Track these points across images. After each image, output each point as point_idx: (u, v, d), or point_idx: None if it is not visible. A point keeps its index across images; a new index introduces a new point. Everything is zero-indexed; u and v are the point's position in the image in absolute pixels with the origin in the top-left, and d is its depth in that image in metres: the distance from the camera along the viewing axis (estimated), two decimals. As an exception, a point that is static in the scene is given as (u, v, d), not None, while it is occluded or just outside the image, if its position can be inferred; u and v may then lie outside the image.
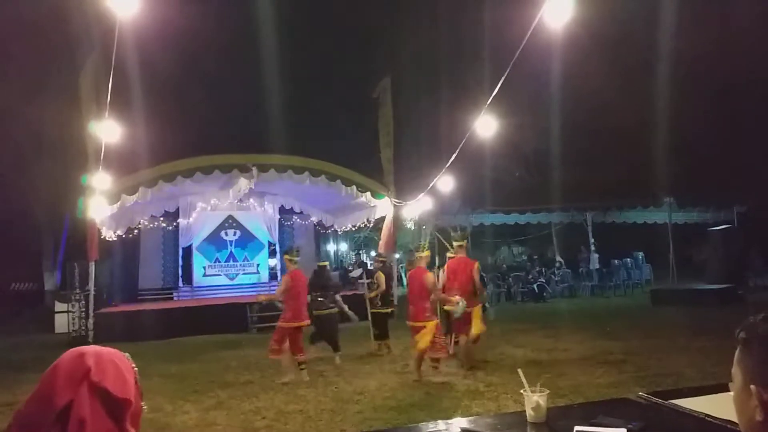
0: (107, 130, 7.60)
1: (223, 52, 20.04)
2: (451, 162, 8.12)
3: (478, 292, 7.56)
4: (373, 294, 9.34)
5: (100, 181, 10.20)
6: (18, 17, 15.77)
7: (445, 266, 7.62)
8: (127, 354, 1.20)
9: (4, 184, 17.87)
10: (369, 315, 9.48)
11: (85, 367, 1.07)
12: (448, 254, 7.66)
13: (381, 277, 9.43)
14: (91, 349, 1.13)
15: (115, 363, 1.13)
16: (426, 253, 7.30)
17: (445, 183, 9.36)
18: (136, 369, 1.19)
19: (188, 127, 18.81)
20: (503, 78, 4.73)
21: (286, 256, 7.77)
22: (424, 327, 6.77)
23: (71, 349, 1.13)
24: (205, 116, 20.52)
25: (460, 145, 6.45)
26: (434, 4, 21.61)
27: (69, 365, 1.08)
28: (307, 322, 7.52)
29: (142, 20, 4.38)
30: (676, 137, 16.85)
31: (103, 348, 1.16)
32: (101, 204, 11.18)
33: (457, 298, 7.07)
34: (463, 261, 7.56)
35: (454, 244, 7.75)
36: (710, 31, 15.26)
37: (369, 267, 10.28)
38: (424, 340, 6.72)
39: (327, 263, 9.58)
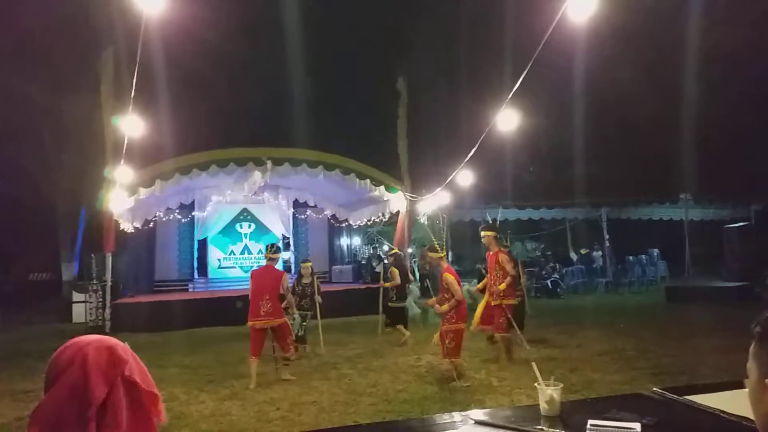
0: (130, 124, 7.67)
1: (241, 46, 20.09)
2: (468, 157, 8.08)
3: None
4: (387, 284, 9.46)
5: (121, 174, 10.30)
6: (43, 10, 15.96)
7: (453, 277, 6.65)
8: (126, 343, 1.22)
9: (24, 176, 18.13)
10: (381, 308, 9.67)
11: (121, 361, 1.10)
12: (436, 255, 7.16)
13: (395, 271, 9.53)
14: (113, 341, 1.15)
15: (134, 355, 1.16)
16: (442, 253, 7.01)
17: (462, 177, 9.35)
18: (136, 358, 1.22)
19: (205, 120, 18.92)
20: (524, 73, 4.71)
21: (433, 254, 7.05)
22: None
23: (90, 341, 1.12)
24: (221, 110, 20.62)
25: (480, 140, 6.45)
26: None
27: (101, 358, 1.08)
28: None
29: (164, 14, 4.42)
30: (692, 134, 16.67)
31: (112, 339, 1.18)
32: (121, 196, 11.31)
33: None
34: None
35: (435, 255, 7.02)
36: (732, 27, 15.03)
37: (384, 261, 10.20)
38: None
39: (308, 263, 9.18)
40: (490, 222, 9.27)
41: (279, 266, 17.74)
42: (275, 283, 7.06)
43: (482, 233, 7.79)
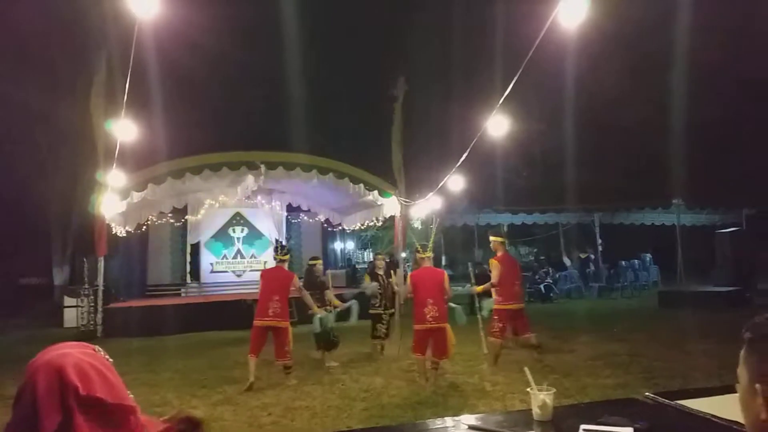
0: (123, 128, 7.65)
1: (236, 50, 20.11)
2: (460, 162, 8.10)
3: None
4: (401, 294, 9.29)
5: (113, 178, 10.26)
6: (37, 15, 15.93)
7: (409, 277, 7.00)
8: (97, 347, 1.15)
9: (16, 179, 18.04)
10: (389, 315, 9.34)
11: (71, 386, 1.01)
12: (419, 255, 7.26)
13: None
14: (66, 359, 1.05)
15: (95, 367, 1.07)
16: (430, 254, 7.11)
17: (454, 182, 9.35)
18: (111, 360, 1.14)
19: (198, 124, 18.90)
20: (515, 78, 4.73)
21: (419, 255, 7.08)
22: (446, 328, 6.66)
23: (43, 364, 1.04)
24: (214, 113, 20.62)
25: (471, 145, 6.46)
26: (447, 5, 21.63)
27: (49, 385, 1.01)
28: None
29: (158, 18, 4.42)
30: (684, 139, 16.77)
31: (74, 350, 1.09)
32: (113, 200, 11.26)
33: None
34: (431, 271, 6.95)
35: (417, 256, 7.16)
36: (724, 31, 15.15)
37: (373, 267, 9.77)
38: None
39: (319, 260, 9.21)
40: (502, 229, 9.31)
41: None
42: (286, 283, 7.11)
43: (491, 238, 7.93)
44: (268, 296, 7.02)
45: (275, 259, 7.56)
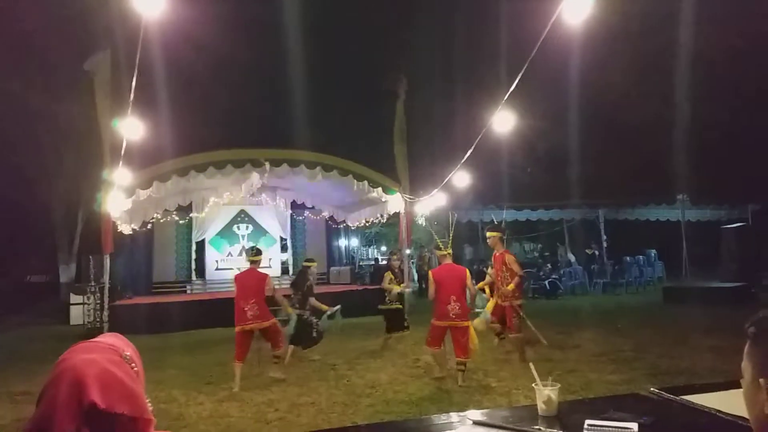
0: (128, 126, 7.67)
1: (240, 48, 20.10)
2: (465, 158, 8.08)
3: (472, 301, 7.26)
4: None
5: (119, 176, 10.30)
6: (41, 12, 15.96)
7: (430, 274, 6.92)
8: (126, 353, 1.12)
9: (22, 177, 18.12)
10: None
11: (90, 400, 0.98)
12: (439, 253, 7.29)
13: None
14: (91, 368, 1.02)
15: (119, 379, 1.04)
16: (450, 250, 7.05)
17: (459, 179, 9.33)
18: (136, 369, 1.12)
19: (203, 122, 18.92)
20: (520, 74, 4.72)
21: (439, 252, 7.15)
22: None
23: (68, 369, 1.01)
24: (219, 111, 20.62)
25: (476, 142, 6.44)
26: (452, 1, 21.59)
27: (70, 393, 0.99)
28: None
29: (162, 17, 4.43)
30: (689, 134, 16.71)
31: (101, 355, 1.06)
32: (119, 198, 11.29)
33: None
34: (452, 268, 6.83)
35: (438, 253, 7.20)
36: (730, 27, 15.06)
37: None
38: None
39: (313, 264, 8.93)
40: (495, 223, 9.32)
41: (277, 268, 17.87)
42: (260, 285, 7.09)
43: (488, 234, 7.90)
44: (244, 300, 6.97)
45: (247, 260, 7.51)
